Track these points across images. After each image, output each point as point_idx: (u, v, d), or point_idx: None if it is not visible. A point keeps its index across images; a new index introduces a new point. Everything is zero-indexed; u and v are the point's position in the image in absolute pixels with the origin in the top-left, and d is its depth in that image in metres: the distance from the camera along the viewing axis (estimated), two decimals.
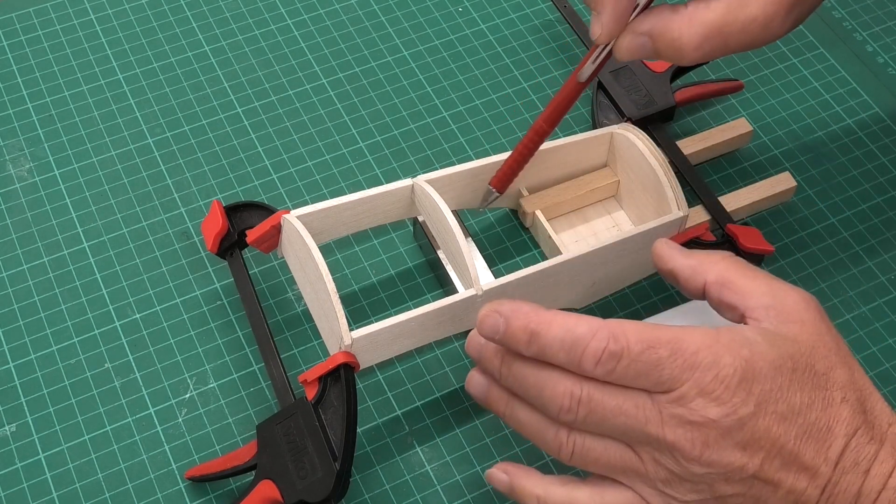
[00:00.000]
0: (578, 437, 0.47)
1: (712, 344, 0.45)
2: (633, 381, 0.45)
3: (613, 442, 0.47)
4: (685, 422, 0.45)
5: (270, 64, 0.71)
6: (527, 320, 0.46)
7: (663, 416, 0.45)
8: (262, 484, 0.51)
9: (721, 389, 0.44)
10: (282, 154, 0.67)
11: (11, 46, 0.71)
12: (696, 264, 0.51)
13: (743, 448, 0.45)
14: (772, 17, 0.50)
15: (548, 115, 0.55)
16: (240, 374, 0.58)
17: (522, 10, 0.75)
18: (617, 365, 0.45)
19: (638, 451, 0.46)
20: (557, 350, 0.45)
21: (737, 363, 0.45)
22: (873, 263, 0.64)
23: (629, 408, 0.45)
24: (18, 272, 0.61)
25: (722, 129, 0.67)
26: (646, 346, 0.45)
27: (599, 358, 0.45)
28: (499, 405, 0.50)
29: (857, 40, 0.74)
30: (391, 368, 0.59)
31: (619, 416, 0.45)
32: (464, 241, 0.55)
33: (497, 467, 0.50)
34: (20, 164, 0.66)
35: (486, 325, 0.47)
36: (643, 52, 0.51)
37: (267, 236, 0.57)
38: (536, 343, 0.46)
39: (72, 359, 0.58)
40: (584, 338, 0.45)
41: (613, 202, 0.64)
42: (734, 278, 0.49)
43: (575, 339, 0.45)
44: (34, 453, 0.55)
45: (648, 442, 0.46)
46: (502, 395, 0.49)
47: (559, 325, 0.46)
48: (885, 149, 0.69)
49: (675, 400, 0.45)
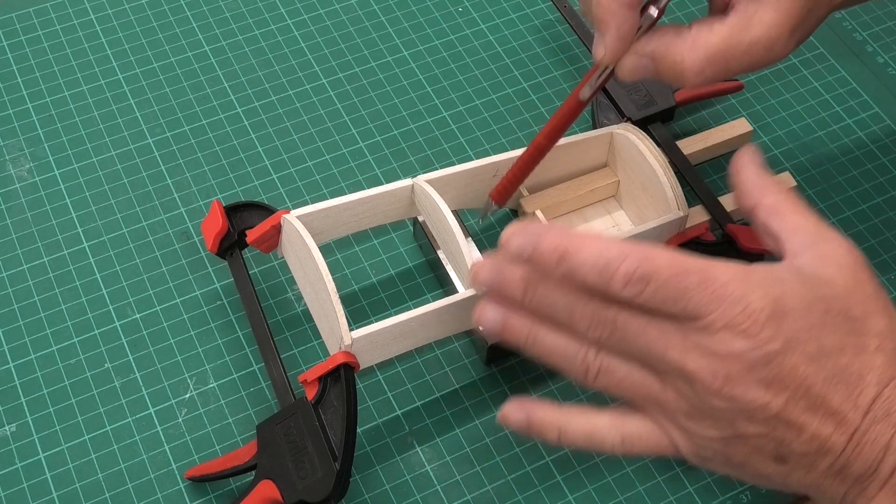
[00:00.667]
0: (605, 357, 0.46)
1: (744, 278, 0.44)
2: (661, 305, 0.44)
3: (638, 366, 0.46)
4: (708, 352, 0.43)
5: (270, 64, 0.71)
6: (559, 239, 0.45)
7: (686, 344, 0.44)
8: (262, 484, 0.51)
9: (748, 323, 0.43)
10: (282, 154, 0.67)
11: (11, 46, 0.71)
12: (760, 183, 0.50)
13: (767, 385, 0.43)
14: (775, 40, 0.49)
15: (548, 132, 0.55)
16: (240, 374, 0.58)
17: (522, 10, 0.75)
18: (645, 288, 0.44)
19: (662, 379, 0.45)
20: (588, 271, 0.44)
21: (767, 299, 0.43)
22: (873, 263, 0.64)
23: (652, 331, 0.44)
24: (18, 272, 0.61)
25: (722, 129, 0.67)
26: (675, 272, 0.43)
27: (629, 279, 0.44)
28: (520, 333, 0.48)
29: (857, 40, 0.74)
30: (391, 368, 0.59)
31: (642, 336, 0.45)
32: (464, 241, 0.55)
33: (511, 405, 0.49)
34: (20, 164, 0.66)
35: (514, 242, 0.46)
36: (646, 73, 0.51)
37: (267, 236, 0.57)
38: (566, 263, 0.45)
39: (72, 359, 0.58)
40: (615, 260, 0.44)
41: (613, 202, 0.64)
42: (785, 210, 0.48)
43: (607, 261, 0.44)
44: (34, 453, 0.55)
45: (670, 370, 0.45)
46: (523, 321, 0.48)
47: (590, 245, 0.45)
48: (885, 149, 0.69)
49: (701, 329, 0.43)
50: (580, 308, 0.46)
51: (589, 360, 0.47)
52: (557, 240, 0.45)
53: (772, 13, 0.49)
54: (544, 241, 0.45)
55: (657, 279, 0.44)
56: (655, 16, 0.50)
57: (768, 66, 0.51)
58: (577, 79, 0.71)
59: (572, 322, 0.46)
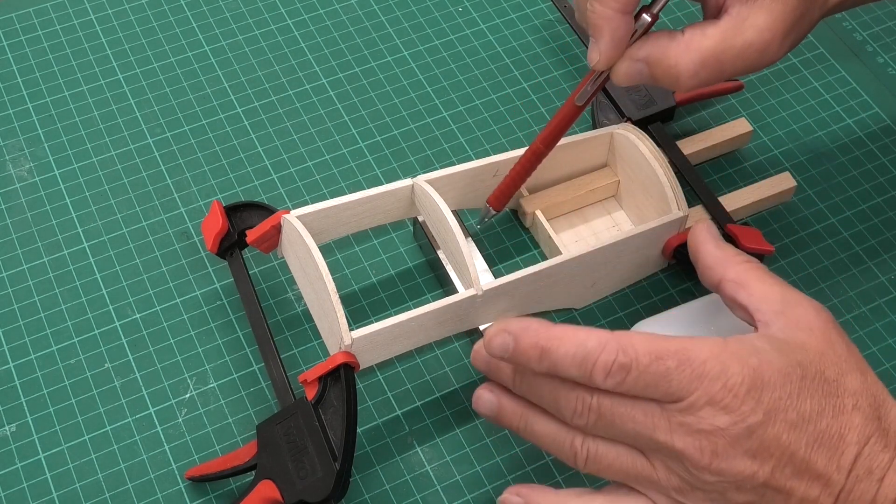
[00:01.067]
0: (592, 443, 0.48)
1: (720, 353, 0.45)
2: (643, 391, 0.45)
3: (626, 448, 0.47)
4: (694, 430, 0.45)
5: (270, 64, 0.71)
6: (536, 337, 0.47)
7: (672, 425, 0.45)
8: (262, 484, 0.51)
9: (730, 398, 0.44)
10: (282, 154, 0.67)
11: (11, 46, 0.71)
12: (721, 257, 0.52)
13: (753, 456, 0.45)
14: (768, 43, 0.50)
15: (545, 137, 0.56)
16: (240, 374, 0.58)
17: (522, 10, 0.75)
18: (626, 377, 0.45)
19: (650, 458, 0.47)
20: (569, 365, 0.46)
21: (745, 372, 0.45)
22: (873, 263, 0.64)
23: (638, 415, 0.46)
24: (18, 272, 0.61)
25: (722, 129, 0.67)
26: (654, 357, 0.45)
27: (609, 370, 0.45)
28: (512, 419, 0.50)
29: (857, 40, 0.74)
30: (391, 368, 0.59)
31: (629, 422, 0.46)
32: (464, 241, 0.55)
33: (509, 492, 0.50)
34: (20, 164, 0.66)
35: (494, 344, 0.48)
36: (640, 78, 0.51)
37: (267, 236, 0.57)
38: (547, 359, 0.46)
39: (72, 359, 0.58)
40: (594, 352, 0.45)
41: (613, 202, 0.64)
42: (750, 281, 0.50)
43: (585, 354, 0.46)
44: (34, 453, 0.55)
45: (658, 449, 0.46)
46: (516, 408, 0.50)
47: (569, 340, 0.46)
48: (885, 149, 0.69)
49: (684, 409, 0.45)
50: (563, 396, 0.47)
51: (576, 446, 0.48)
52: (535, 338, 0.47)
53: (765, 17, 0.49)
54: (522, 340, 0.47)
55: (637, 367, 0.45)
56: (649, 21, 0.50)
57: (762, 69, 0.51)
58: (577, 79, 0.71)
59: (558, 411, 0.48)
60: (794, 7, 0.49)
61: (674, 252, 0.60)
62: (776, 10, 0.49)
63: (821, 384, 0.46)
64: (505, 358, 0.48)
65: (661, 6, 0.50)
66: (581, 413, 0.47)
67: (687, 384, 0.45)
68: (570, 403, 0.47)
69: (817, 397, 0.45)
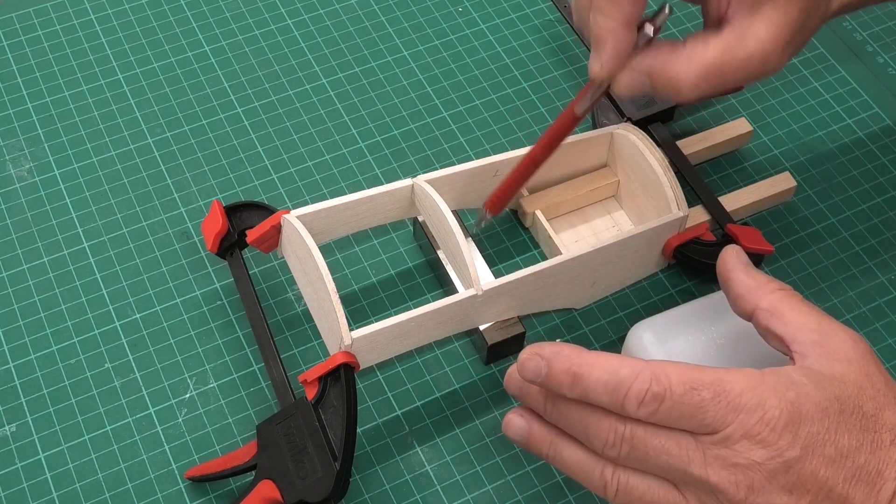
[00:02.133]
0: (623, 474, 0.47)
1: (757, 385, 0.44)
2: (677, 422, 0.45)
3: (658, 480, 0.47)
4: (729, 464, 0.44)
5: (270, 64, 0.71)
6: (569, 363, 0.46)
7: (707, 458, 0.44)
8: (262, 484, 0.51)
9: (766, 432, 0.44)
10: (282, 154, 0.67)
11: (11, 46, 0.71)
12: (753, 286, 0.50)
13: (790, 492, 0.44)
14: (770, 54, 0.49)
15: (544, 144, 0.55)
16: (240, 374, 0.58)
17: (522, 10, 0.75)
18: (660, 407, 0.44)
19: (683, 491, 0.46)
20: (601, 393, 0.45)
21: (783, 405, 0.44)
22: (873, 263, 0.64)
23: (672, 447, 0.45)
24: (18, 272, 0.61)
25: (722, 129, 0.67)
26: (688, 387, 0.44)
27: (642, 400, 0.44)
28: (542, 446, 0.50)
29: (857, 40, 0.74)
30: (391, 368, 0.59)
31: (662, 454, 0.45)
32: (464, 241, 0.55)
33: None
34: (20, 164, 0.66)
35: (527, 368, 0.47)
36: (642, 89, 0.51)
37: (267, 236, 0.57)
38: (579, 386, 0.46)
39: (72, 359, 0.58)
40: (626, 380, 0.45)
41: (613, 202, 0.64)
42: (785, 310, 0.49)
43: (618, 382, 0.45)
44: (34, 453, 0.55)
45: (692, 482, 0.45)
46: (546, 435, 0.49)
47: (601, 367, 0.46)
48: (885, 149, 0.69)
49: (720, 442, 0.44)
50: (595, 426, 0.46)
51: (606, 476, 0.47)
52: (568, 363, 0.46)
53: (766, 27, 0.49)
54: (555, 365, 0.46)
55: (670, 397, 0.44)
56: (651, 34, 0.50)
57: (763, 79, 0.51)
58: (577, 79, 0.71)
59: (588, 440, 0.47)
60: (795, 17, 0.49)
61: (674, 252, 0.60)
62: (778, 20, 0.49)
63: (859, 419, 0.45)
64: (537, 382, 0.47)
65: (663, 19, 0.50)
66: (613, 444, 0.46)
67: (723, 416, 0.44)
68: (601, 433, 0.46)
69: (855, 432, 0.45)
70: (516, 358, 0.58)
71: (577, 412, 0.47)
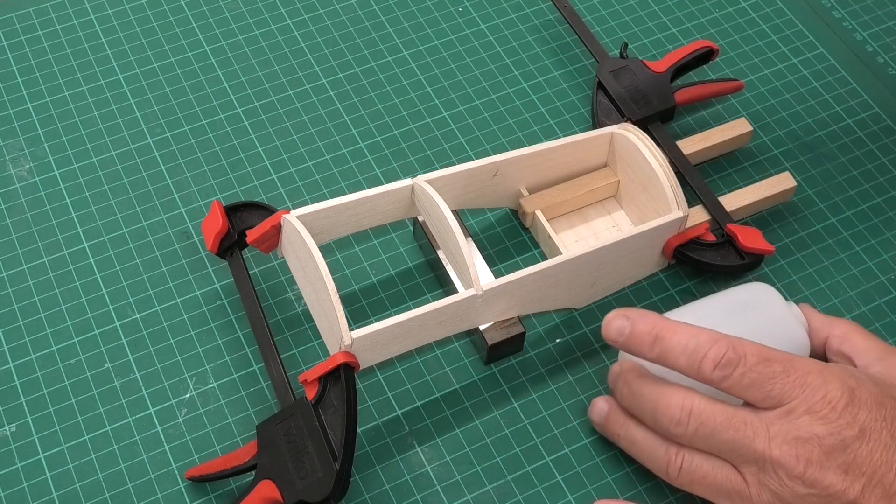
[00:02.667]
0: (688, 454, 0.50)
1: (823, 370, 0.48)
2: (745, 390, 0.48)
3: (720, 462, 0.49)
4: (791, 438, 0.47)
5: (270, 64, 0.71)
6: (652, 325, 0.50)
7: (770, 433, 0.47)
8: (262, 484, 0.51)
9: (828, 409, 0.47)
10: (282, 154, 0.67)
11: (11, 46, 0.71)
12: (827, 321, 0.55)
13: (845, 471, 0.46)
14: None
15: None
16: (240, 374, 0.58)
17: (522, 10, 0.75)
18: (733, 372, 0.48)
19: (743, 472, 0.48)
20: (679, 354, 0.49)
21: (844, 389, 0.47)
22: (873, 263, 0.64)
23: (738, 423, 0.48)
24: (18, 272, 0.61)
25: (722, 129, 0.67)
26: (762, 358, 0.48)
27: (718, 363, 0.48)
28: (615, 426, 0.54)
29: (857, 40, 0.74)
30: (391, 368, 0.59)
31: (728, 429, 0.48)
32: (464, 241, 0.55)
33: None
34: (20, 164, 0.66)
35: (612, 327, 0.52)
36: None
37: (267, 236, 0.57)
38: (659, 346, 0.50)
39: (72, 359, 0.58)
40: (705, 344, 0.49)
41: (613, 202, 0.64)
42: (855, 337, 0.54)
43: (697, 345, 0.49)
44: (34, 453, 0.55)
45: (754, 460, 0.48)
46: (619, 417, 0.53)
47: (683, 332, 0.50)
48: (885, 149, 0.69)
49: (783, 415, 0.47)
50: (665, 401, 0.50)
51: (671, 455, 0.51)
52: (651, 325, 0.50)
53: None
54: (639, 325, 0.51)
55: (745, 364, 0.48)
56: None
57: None
58: (578, 78, 0.71)
59: (655, 418, 0.51)
60: None
61: (674, 252, 0.60)
62: None
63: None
64: (619, 342, 0.51)
65: None
66: (680, 421, 0.49)
67: (790, 390, 0.47)
68: (670, 410, 0.49)
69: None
70: (516, 358, 0.59)
71: (648, 389, 0.51)
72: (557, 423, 0.57)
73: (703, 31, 0.74)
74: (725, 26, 0.75)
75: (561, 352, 0.60)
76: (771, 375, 0.48)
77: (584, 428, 0.57)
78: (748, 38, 0.74)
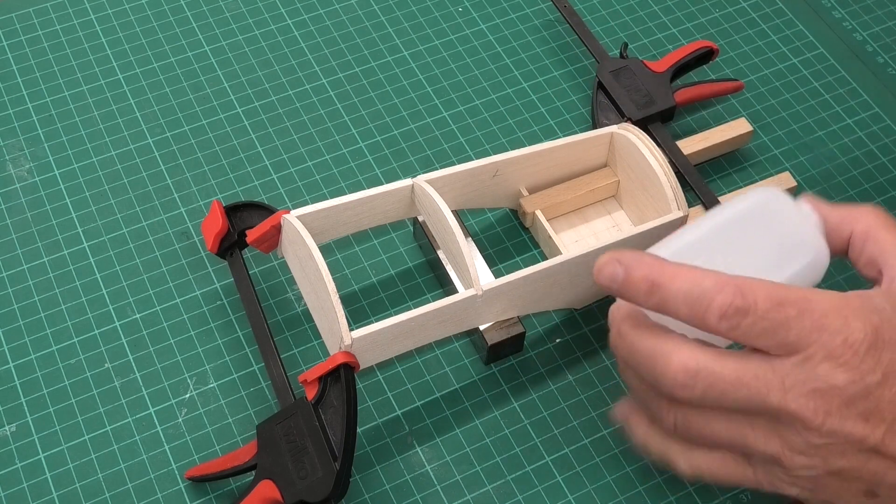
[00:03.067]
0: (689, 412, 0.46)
1: (842, 307, 0.43)
2: (757, 339, 0.43)
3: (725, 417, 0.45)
4: (808, 389, 0.42)
5: (270, 64, 0.71)
6: (649, 270, 0.44)
7: (786, 384, 0.43)
8: (262, 484, 0.51)
9: (849, 354, 0.42)
10: (282, 154, 0.67)
11: (11, 46, 0.71)
12: (845, 213, 0.49)
13: (866, 419, 0.43)
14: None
15: None
16: (240, 374, 0.58)
17: (522, 10, 0.75)
18: (742, 321, 0.43)
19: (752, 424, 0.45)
20: (681, 303, 0.44)
21: (867, 329, 0.43)
22: None
23: (749, 378, 0.43)
24: (18, 272, 0.61)
25: (722, 129, 0.67)
26: (774, 303, 0.43)
27: (725, 312, 0.43)
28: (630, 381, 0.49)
29: (857, 40, 0.74)
30: (391, 368, 0.59)
31: (741, 388, 0.43)
32: (464, 241, 0.55)
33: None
34: (20, 164, 0.66)
35: (604, 273, 0.45)
36: None
37: (267, 236, 0.57)
38: (658, 294, 0.44)
39: (72, 359, 0.58)
40: (709, 291, 0.43)
41: (613, 202, 0.64)
42: (881, 232, 0.47)
43: (701, 293, 0.43)
44: (34, 453, 0.55)
45: (768, 413, 0.43)
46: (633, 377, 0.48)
47: (684, 277, 0.44)
48: (885, 149, 0.69)
49: (800, 363, 0.43)
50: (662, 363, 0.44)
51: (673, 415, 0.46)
52: (648, 270, 0.44)
53: None
54: (634, 271, 0.45)
55: (755, 311, 0.43)
56: None
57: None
58: (578, 78, 0.71)
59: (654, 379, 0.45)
60: None
61: None
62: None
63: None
64: (613, 289, 0.45)
65: None
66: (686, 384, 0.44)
67: (806, 335, 0.42)
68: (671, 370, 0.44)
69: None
70: (516, 358, 0.59)
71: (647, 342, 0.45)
72: (557, 423, 0.57)
73: (703, 31, 0.74)
74: (725, 26, 0.75)
75: (561, 352, 0.60)
76: (784, 321, 0.42)
77: (584, 428, 0.57)
78: (748, 38, 0.74)
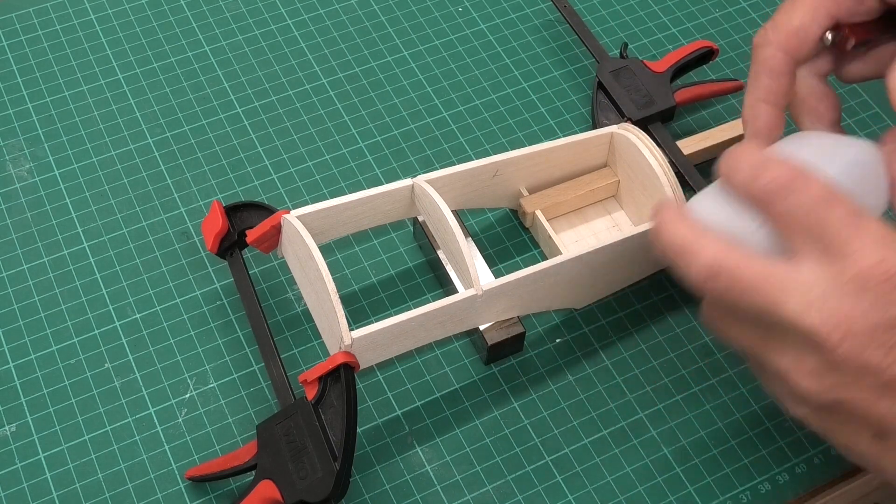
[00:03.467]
0: None
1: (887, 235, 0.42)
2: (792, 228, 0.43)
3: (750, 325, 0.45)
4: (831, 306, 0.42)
5: (270, 64, 0.71)
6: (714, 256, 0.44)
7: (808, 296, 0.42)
8: (262, 484, 0.51)
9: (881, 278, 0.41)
10: (282, 154, 0.67)
11: (11, 46, 0.71)
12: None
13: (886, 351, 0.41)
14: None
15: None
16: (240, 374, 0.58)
17: (522, 10, 0.75)
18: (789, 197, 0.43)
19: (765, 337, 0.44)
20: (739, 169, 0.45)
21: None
22: None
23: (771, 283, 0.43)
24: (18, 272, 0.61)
25: (722, 129, 0.67)
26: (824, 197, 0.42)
27: (775, 182, 0.43)
28: None
29: None
30: (391, 368, 0.59)
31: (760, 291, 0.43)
32: (464, 241, 0.55)
33: None
34: (20, 164, 0.66)
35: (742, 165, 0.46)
36: None
37: (267, 236, 0.57)
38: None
39: (72, 359, 0.58)
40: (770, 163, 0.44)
41: (613, 202, 0.64)
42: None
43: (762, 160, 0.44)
44: (34, 453, 0.55)
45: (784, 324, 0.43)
46: None
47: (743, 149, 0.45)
48: None
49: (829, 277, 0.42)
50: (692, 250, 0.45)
51: None
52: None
53: None
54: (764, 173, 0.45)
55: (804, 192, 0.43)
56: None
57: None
58: (578, 78, 0.71)
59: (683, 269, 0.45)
60: None
61: None
62: None
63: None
64: None
65: None
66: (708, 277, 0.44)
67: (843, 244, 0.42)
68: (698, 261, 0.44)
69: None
70: (516, 358, 0.59)
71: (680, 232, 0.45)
72: (557, 423, 0.57)
73: (703, 31, 0.74)
74: (725, 26, 0.75)
75: (561, 352, 0.60)
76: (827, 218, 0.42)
77: (584, 428, 0.57)
78: (748, 38, 0.74)
